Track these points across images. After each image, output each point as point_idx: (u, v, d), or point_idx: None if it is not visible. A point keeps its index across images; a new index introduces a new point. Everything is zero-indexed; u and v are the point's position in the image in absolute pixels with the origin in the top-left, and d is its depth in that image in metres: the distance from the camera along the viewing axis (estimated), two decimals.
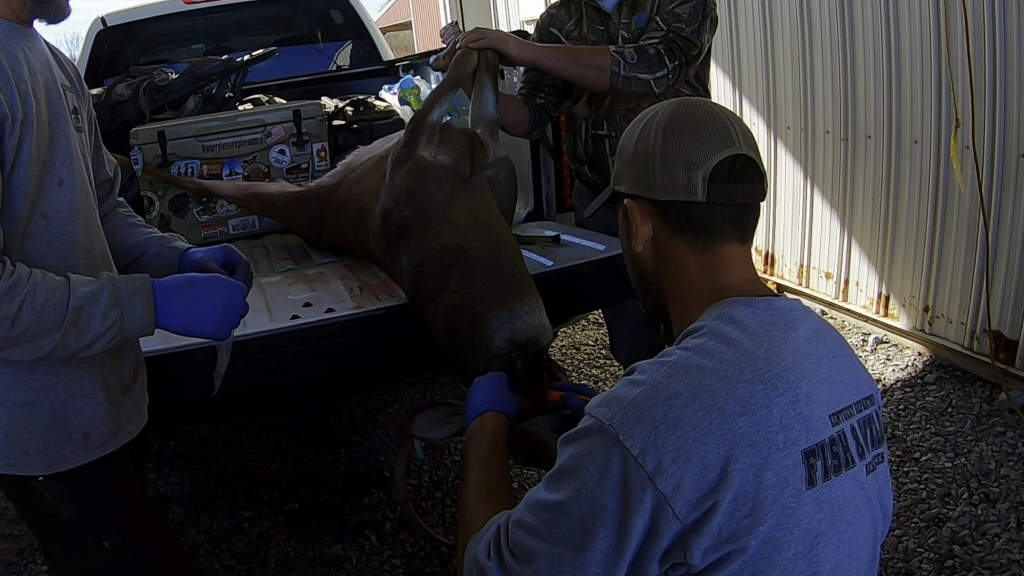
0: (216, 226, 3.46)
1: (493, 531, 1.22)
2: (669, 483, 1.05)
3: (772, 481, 1.07)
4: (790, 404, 1.10)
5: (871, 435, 1.21)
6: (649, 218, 1.27)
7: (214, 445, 3.87)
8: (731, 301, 1.20)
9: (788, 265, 4.84)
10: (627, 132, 1.33)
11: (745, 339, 1.15)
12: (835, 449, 1.13)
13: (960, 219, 3.62)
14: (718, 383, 1.10)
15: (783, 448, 1.08)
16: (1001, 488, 2.91)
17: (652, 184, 1.25)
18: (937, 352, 3.89)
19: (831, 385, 1.17)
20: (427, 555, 2.93)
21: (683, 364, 1.13)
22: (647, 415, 1.08)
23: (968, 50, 3.35)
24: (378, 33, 5.78)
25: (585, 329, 4.88)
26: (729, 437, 1.06)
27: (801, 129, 4.50)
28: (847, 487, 1.14)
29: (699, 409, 1.07)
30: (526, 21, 8.06)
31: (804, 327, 1.20)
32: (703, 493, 1.05)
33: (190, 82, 3.92)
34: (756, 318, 1.18)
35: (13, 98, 1.38)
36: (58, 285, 1.37)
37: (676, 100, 1.30)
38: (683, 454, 1.05)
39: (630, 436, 1.07)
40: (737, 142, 1.24)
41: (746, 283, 1.25)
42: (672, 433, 1.06)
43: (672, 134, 1.24)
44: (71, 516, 1.59)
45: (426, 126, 2.41)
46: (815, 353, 1.18)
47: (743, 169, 1.23)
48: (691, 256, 1.25)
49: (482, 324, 2.05)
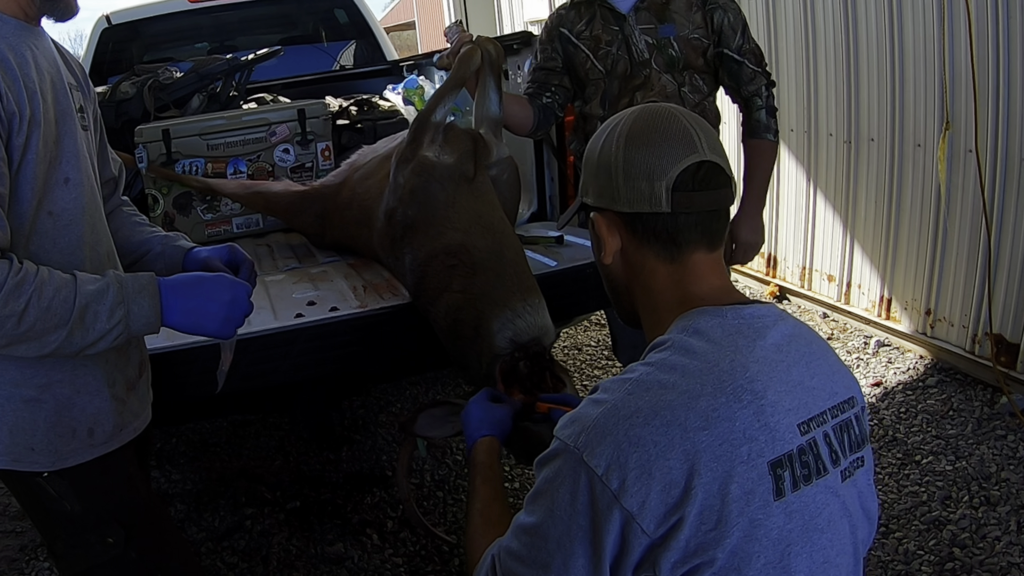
0: (220, 224, 3.46)
1: (488, 562, 1.24)
2: (634, 500, 1.06)
3: (737, 494, 1.07)
4: (754, 416, 1.10)
5: (849, 440, 1.20)
6: (616, 230, 1.27)
7: (216, 443, 3.88)
8: (698, 311, 1.20)
9: (790, 267, 4.84)
10: (592, 142, 1.32)
11: (709, 350, 1.14)
12: (804, 458, 1.12)
13: (962, 222, 3.62)
14: (679, 398, 1.10)
15: (747, 460, 1.08)
16: (1002, 491, 2.91)
17: (616, 196, 1.24)
18: (938, 355, 3.89)
19: (802, 392, 1.16)
20: (428, 554, 2.94)
21: (644, 380, 1.13)
22: (609, 435, 1.08)
23: (971, 53, 3.35)
24: (382, 32, 5.79)
25: (587, 330, 4.88)
26: (691, 452, 1.06)
27: (804, 132, 4.50)
28: (819, 496, 1.13)
29: (660, 425, 1.08)
30: (530, 22, 8.06)
31: (774, 333, 1.19)
32: (668, 508, 1.06)
33: (195, 80, 3.92)
34: (723, 328, 1.17)
35: (21, 96, 1.39)
36: (64, 282, 1.38)
37: (639, 108, 1.29)
38: (646, 471, 1.06)
39: (594, 456, 1.08)
40: (700, 148, 1.22)
41: (716, 290, 1.24)
42: (634, 451, 1.07)
43: (633, 144, 1.23)
44: (75, 512, 1.60)
45: (430, 126, 2.42)
46: (784, 360, 1.18)
47: (707, 176, 1.22)
48: (660, 266, 1.24)
49: (485, 324, 2.06)
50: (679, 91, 2.61)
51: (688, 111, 1.28)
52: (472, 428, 1.68)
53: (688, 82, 2.62)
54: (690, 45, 2.59)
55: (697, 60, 2.61)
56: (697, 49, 2.60)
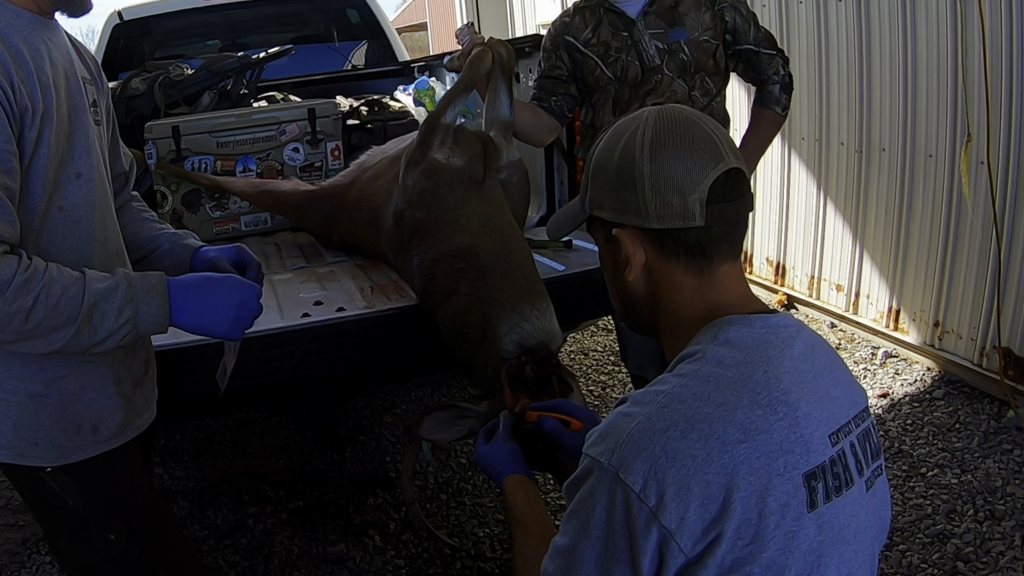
0: (228, 222, 3.47)
1: None
2: (673, 517, 1.03)
3: (774, 507, 1.05)
4: (790, 428, 1.08)
5: (870, 448, 1.19)
6: (641, 245, 1.21)
7: (220, 441, 3.88)
8: (726, 320, 1.17)
9: (799, 276, 4.83)
10: (602, 151, 1.25)
11: (742, 361, 1.12)
12: (835, 470, 1.11)
13: (973, 235, 3.60)
14: (715, 411, 1.07)
15: (784, 473, 1.06)
16: (1007, 506, 2.90)
17: (644, 213, 1.18)
18: (946, 368, 3.87)
19: (829, 403, 1.15)
20: (431, 556, 2.93)
21: (678, 393, 1.10)
22: (645, 449, 1.05)
23: (985, 65, 3.34)
24: (394, 33, 5.80)
25: (594, 335, 4.87)
26: (730, 466, 1.04)
27: (816, 140, 4.49)
28: (847, 507, 1.12)
29: (698, 439, 1.05)
30: (542, 25, 8.05)
31: (799, 343, 1.17)
32: (707, 524, 1.04)
33: (206, 78, 3.93)
34: (752, 337, 1.15)
35: (34, 90, 1.39)
36: (73, 280, 1.37)
37: (652, 114, 1.22)
38: (685, 486, 1.03)
39: (630, 473, 1.05)
40: (725, 154, 1.17)
41: (741, 299, 1.21)
42: (672, 466, 1.04)
43: (659, 156, 1.16)
44: (78, 508, 1.60)
45: (440, 128, 2.42)
46: (812, 370, 1.16)
47: (735, 184, 1.18)
48: (686, 279, 1.20)
49: (492, 327, 2.05)
50: (689, 95, 2.60)
51: (699, 112, 1.24)
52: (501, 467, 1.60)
53: (699, 85, 2.61)
54: (700, 48, 2.58)
55: (708, 62, 2.60)
56: (707, 51, 2.59)
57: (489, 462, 1.62)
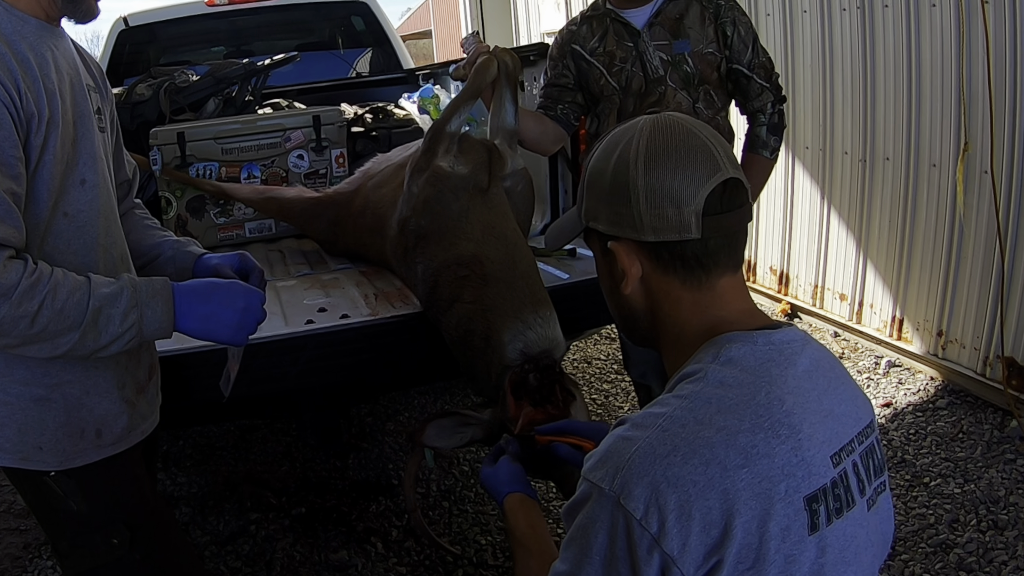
0: (232, 228, 3.47)
1: None
2: (675, 544, 1.02)
3: (775, 531, 1.03)
4: (792, 451, 1.06)
5: (873, 465, 1.17)
6: (637, 258, 1.18)
7: (223, 447, 3.88)
8: (728, 338, 1.14)
9: (803, 285, 4.82)
10: (597, 161, 1.21)
11: (744, 382, 1.10)
12: (836, 491, 1.09)
13: (976, 244, 3.60)
14: (717, 435, 1.05)
15: (785, 497, 1.04)
16: (1010, 516, 2.89)
17: (639, 225, 1.15)
18: (949, 377, 3.87)
19: (832, 422, 1.13)
20: (432, 564, 2.93)
21: (679, 416, 1.07)
22: (646, 475, 1.03)
23: (988, 74, 3.34)
24: (399, 41, 5.80)
25: (597, 343, 4.87)
26: (731, 491, 1.02)
27: (819, 149, 4.49)
28: (848, 528, 1.11)
29: (699, 464, 1.03)
30: (547, 33, 8.07)
31: (803, 360, 1.15)
32: (708, 549, 1.02)
33: (211, 84, 3.94)
34: (754, 356, 1.12)
35: (40, 97, 1.39)
36: (79, 285, 1.38)
37: (647, 123, 1.18)
38: (686, 512, 1.02)
39: (631, 499, 1.03)
40: (722, 164, 1.14)
41: (743, 314, 1.19)
42: (673, 492, 1.02)
43: (653, 167, 1.13)
44: (81, 512, 1.60)
45: (445, 136, 2.42)
46: (815, 388, 1.14)
47: (732, 195, 1.15)
48: (685, 293, 1.17)
49: (495, 335, 2.05)
50: (693, 107, 2.60)
51: (698, 120, 1.20)
52: (501, 487, 1.59)
53: (703, 97, 2.61)
54: (704, 60, 2.58)
55: (712, 75, 2.60)
56: (712, 64, 2.58)
57: (491, 483, 1.61)
